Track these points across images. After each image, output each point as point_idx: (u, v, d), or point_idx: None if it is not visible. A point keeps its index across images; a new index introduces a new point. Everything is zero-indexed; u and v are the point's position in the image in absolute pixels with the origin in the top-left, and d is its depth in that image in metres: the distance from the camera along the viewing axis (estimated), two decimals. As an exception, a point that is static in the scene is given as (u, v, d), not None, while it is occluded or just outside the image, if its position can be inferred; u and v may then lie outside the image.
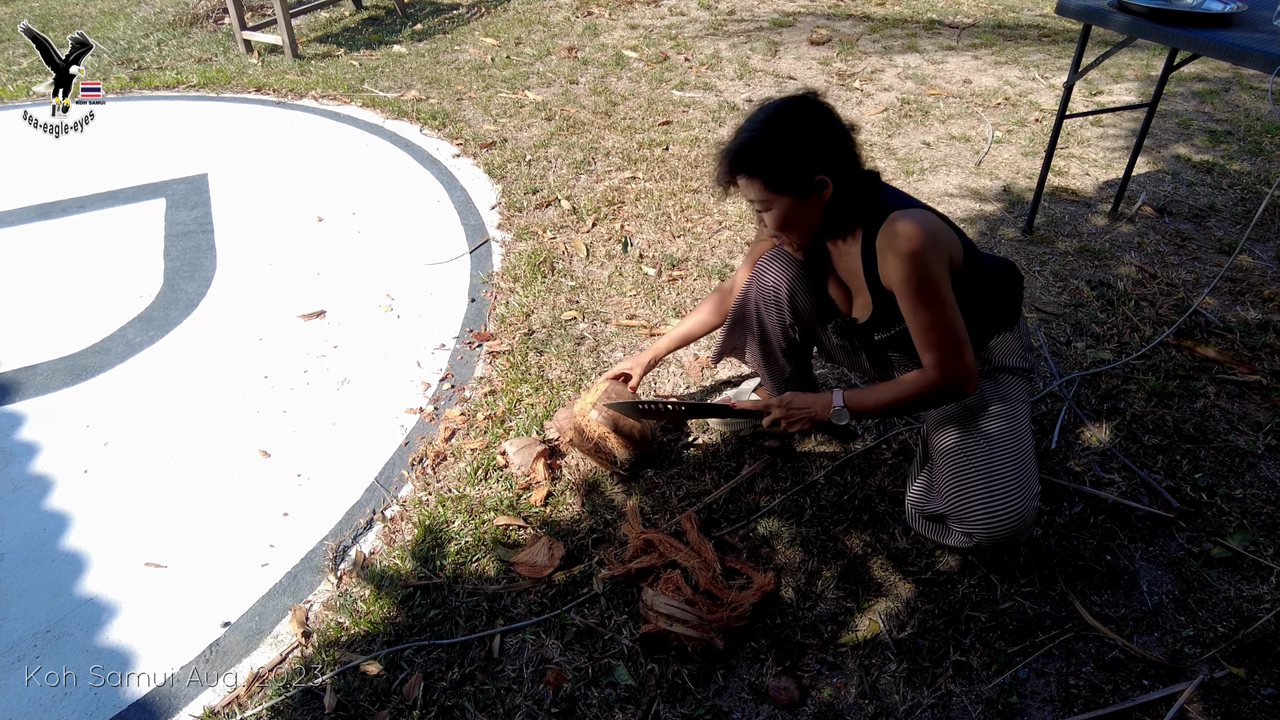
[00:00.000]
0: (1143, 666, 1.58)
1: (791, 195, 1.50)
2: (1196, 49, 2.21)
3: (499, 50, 5.14)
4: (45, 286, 2.89)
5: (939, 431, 1.66)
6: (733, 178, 1.53)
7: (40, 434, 2.24)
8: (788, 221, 1.54)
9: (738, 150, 1.50)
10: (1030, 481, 1.55)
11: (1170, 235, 3.00)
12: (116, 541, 1.93)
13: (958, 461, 1.59)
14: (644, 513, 1.92)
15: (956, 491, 1.58)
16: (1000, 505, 1.52)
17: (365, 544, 1.91)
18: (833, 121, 1.51)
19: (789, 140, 1.47)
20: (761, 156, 1.48)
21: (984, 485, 1.54)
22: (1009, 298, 1.69)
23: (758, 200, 1.53)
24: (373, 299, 2.78)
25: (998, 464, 1.55)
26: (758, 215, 1.58)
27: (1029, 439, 1.61)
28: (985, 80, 4.52)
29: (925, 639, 1.64)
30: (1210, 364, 2.33)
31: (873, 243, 1.52)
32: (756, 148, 1.48)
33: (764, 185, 1.50)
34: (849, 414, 1.63)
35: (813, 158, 1.48)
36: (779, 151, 1.47)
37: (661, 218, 3.18)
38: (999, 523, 1.53)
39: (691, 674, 1.57)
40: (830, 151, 1.49)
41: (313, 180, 3.61)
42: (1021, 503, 1.52)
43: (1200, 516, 1.87)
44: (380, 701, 1.55)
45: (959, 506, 1.57)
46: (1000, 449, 1.56)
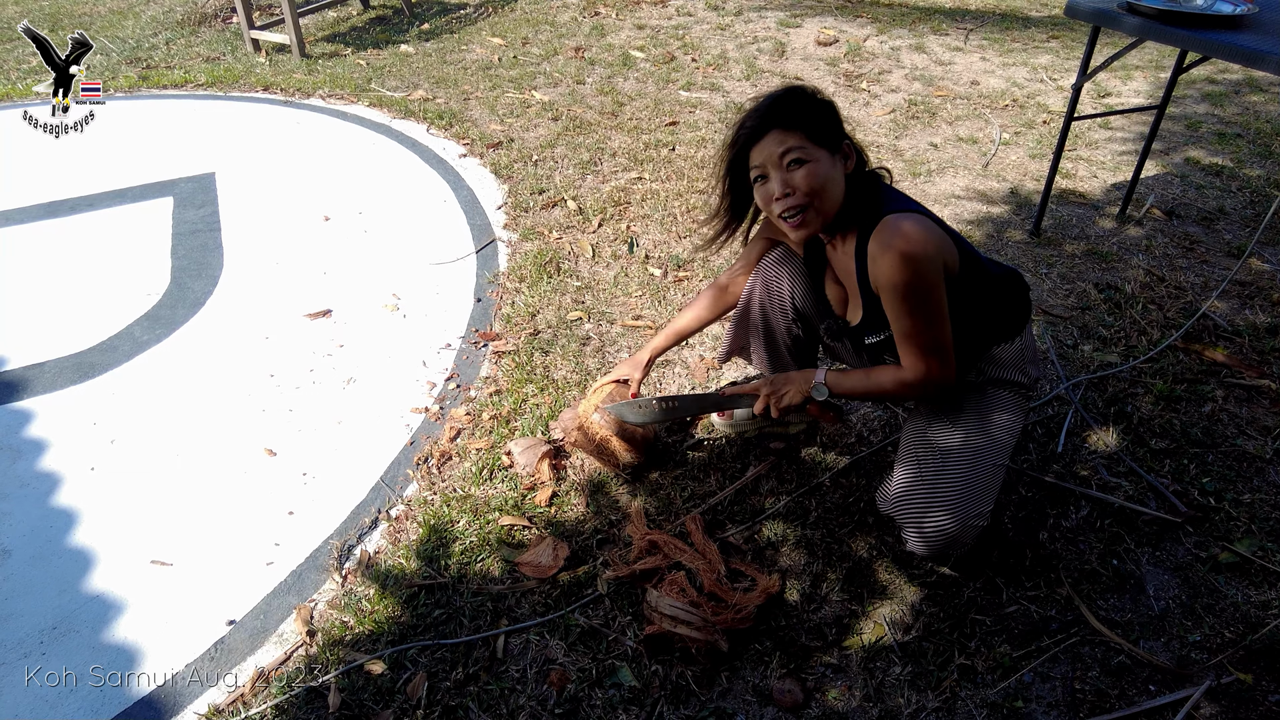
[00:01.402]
0: (1149, 672, 1.57)
1: (829, 151, 1.48)
2: (1207, 51, 2.20)
3: (506, 50, 5.14)
4: (54, 284, 2.90)
5: (908, 434, 1.67)
6: (764, 133, 1.47)
7: (48, 431, 2.24)
8: (820, 179, 1.46)
9: (773, 103, 1.48)
10: (973, 501, 1.52)
11: (1179, 238, 2.98)
12: (123, 539, 1.93)
13: (909, 467, 1.60)
14: (649, 514, 1.92)
15: (900, 495, 1.59)
16: (933, 519, 1.52)
17: (370, 543, 1.91)
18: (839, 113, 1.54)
19: (819, 100, 1.50)
20: (801, 108, 1.47)
21: (925, 496, 1.54)
22: (1013, 307, 1.66)
23: (795, 150, 1.44)
24: (379, 298, 2.78)
25: (945, 478, 1.54)
26: (782, 179, 1.48)
27: (996, 456, 1.58)
28: (993, 82, 4.51)
29: (930, 642, 1.63)
30: (1219, 368, 2.32)
31: (865, 245, 1.50)
32: (793, 100, 1.48)
33: (805, 135, 1.46)
34: (828, 390, 1.65)
35: (840, 123, 1.51)
36: (816, 106, 1.49)
37: (667, 218, 3.18)
38: (929, 535, 1.53)
39: (696, 676, 1.57)
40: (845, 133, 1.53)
41: (320, 179, 3.61)
42: (954, 521, 1.51)
43: (1208, 521, 1.86)
44: (384, 701, 1.55)
45: (899, 510, 1.58)
46: (954, 463, 1.55)
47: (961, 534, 1.52)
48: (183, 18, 5.96)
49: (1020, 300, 1.67)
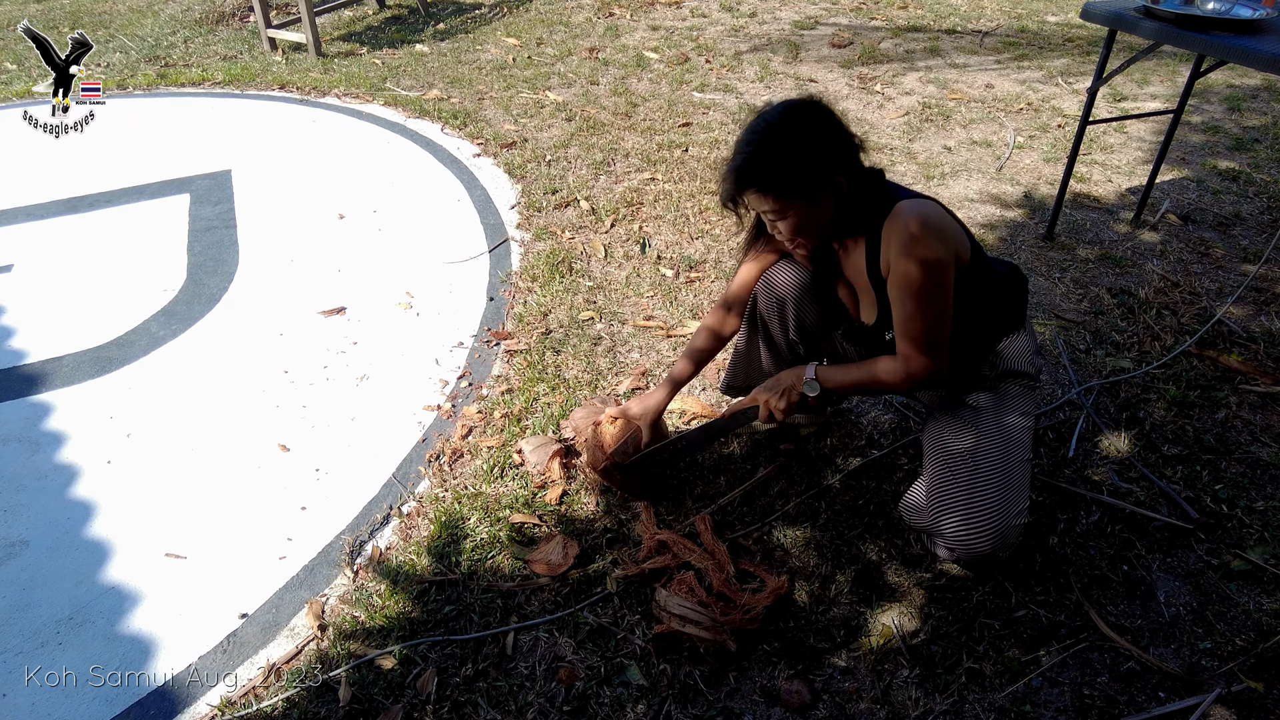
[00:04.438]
0: (1159, 678, 1.56)
1: (804, 201, 1.47)
2: (1225, 56, 2.19)
3: (520, 50, 5.16)
4: (72, 279, 2.94)
5: (931, 439, 1.66)
6: (741, 195, 1.49)
7: (65, 424, 2.27)
8: (802, 227, 1.51)
9: (742, 167, 1.46)
10: (1013, 499, 1.53)
11: (1194, 243, 2.97)
12: (138, 532, 1.95)
13: (941, 473, 1.59)
14: (658, 514, 1.93)
15: (938, 503, 1.58)
16: (977, 521, 1.52)
17: (382, 539, 1.92)
18: (833, 122, 1.47)
19: (793, 147, 1.44)
20: (768, 169, 1.44)
21: (965, 499, 1.54)
22: (1015, 299, 1.68)
23: (771, 212, 1.50)
24: (392, 296, 2.80)
25: (982, 478, 1.54)
26: (770, 224, 1.56)
27: (1021, 453, 1.58)
28: (1007, 85, 4.49)
29: (939, 645, 1.63)
30: (1233, 374, 2.30)
31: (878, 235, 1.49)
32: (761, 160, 1.44)
33: (775, 197, 1.46)
34: (819, 386, 1.63)
35: (819, 161, 1.45)
36: (785, 160, 1.44)
37: (680, 219, 3.19)
38: (974, 539, 1.52)
39: (704, 675, 1.58)
40: (834, 153, 1.47)
41: (334, 177, 3.64)
42: (1000, 520, 1.50)
43: (1220, 528, 1.86)
44: (394, 695, 1.57)
45: (939, 519, 1.57)
46: (987, 462, 1.55)
47: (1008, 533, 1.51)
48: (200, 16, 6.01)
49: (1020, 293, 1.69)
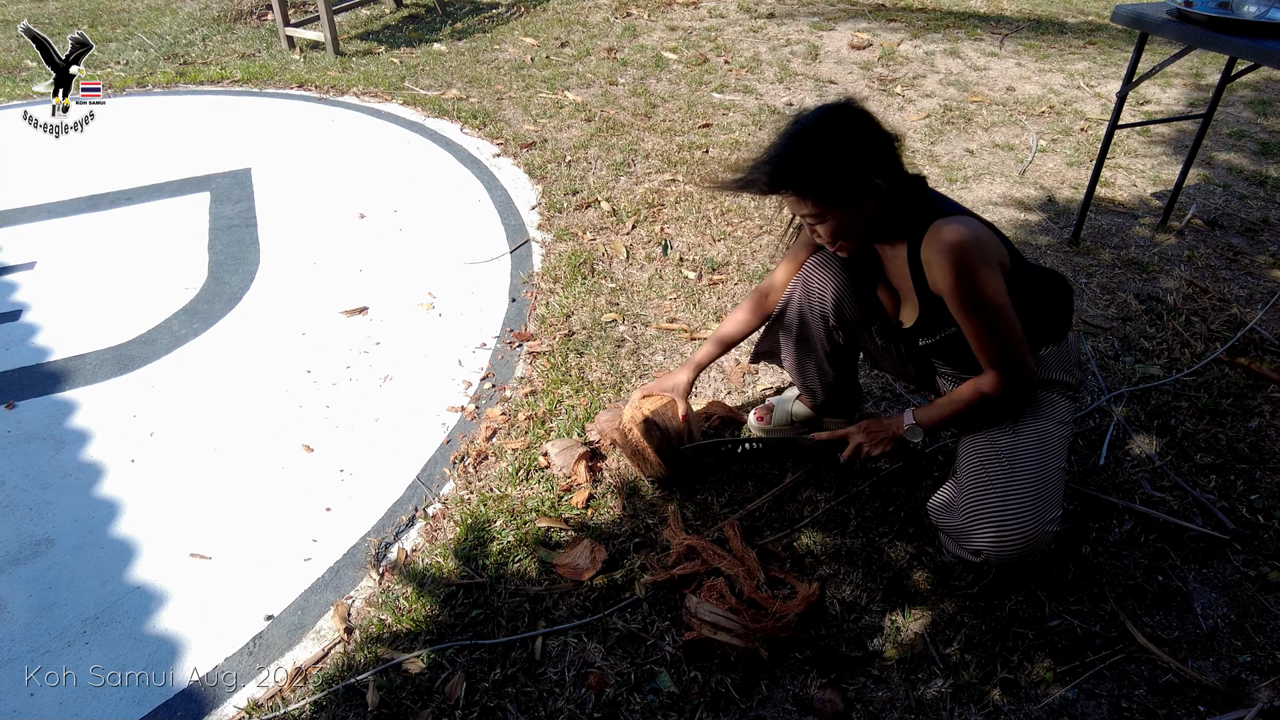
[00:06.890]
0: (1199, 691, 1.54)
1: (843, 206, 1.48)
2: (1261, 60, 2.16)
3: (539, 50, 5.15)
4: (93, 276, 2.94)
5: (966, 443, 1.65)
6: (774, 192, 1.48)
7: (89, 422, 2.27)
8: (842, 232, 1.52)
9: (781, 166, 1.45)
10: (1047, 505, 1.51)
11: (1221, 249, 2.93)
12: (163, 531, 1.95)
13: (976, 476, 1.58)
14: (685, 519, 1.91)
15: (970, 505, 1.56)
16: (1011, 524, 1.50)
17: (407, 541, 1.91)
18: (873, 126, 1.48)
19: (835, 151, 1.44)
20: (808, 172, 1.44)
21: (998, 502, 1.52)
22: (1059, 309, 1.67)
23: (810, 215, 1.51)
24: (414, 296, 2.79)
25: (1016, 482, 1.52)
26: (810, 227, 1.56)
27: (1058, 460, 1.57)
28: (1029, 88, 4.46)
29: (972, 655, 1.61)
30: (1266, 382, 2.27)
31: (918, 250, 1.51)
32: (802, 163, 1.44)
33: (815, 201, 1.47)
34: (921, 430, 1.64)
35: (857, 165, 1.45)
36: (826, 164, 1.44)
37: (701, 221, 3.17)
38: (1007, 542, 1.50)
39: (735, 683, 1.56)
40: (875, 157, 1.47)
41: (354, 177, 3.64)
42: (1032, 525, 1.49)
43: (1256, 539, 1.83)
44: (422, 700, 1.55)
45: (971, 520, 1.55)
46: (1021, 467, 1.54)
47: (1039, 540, 1.50)
48: (219, 14, 6.03)
49: (1065, 301, 1.68)
